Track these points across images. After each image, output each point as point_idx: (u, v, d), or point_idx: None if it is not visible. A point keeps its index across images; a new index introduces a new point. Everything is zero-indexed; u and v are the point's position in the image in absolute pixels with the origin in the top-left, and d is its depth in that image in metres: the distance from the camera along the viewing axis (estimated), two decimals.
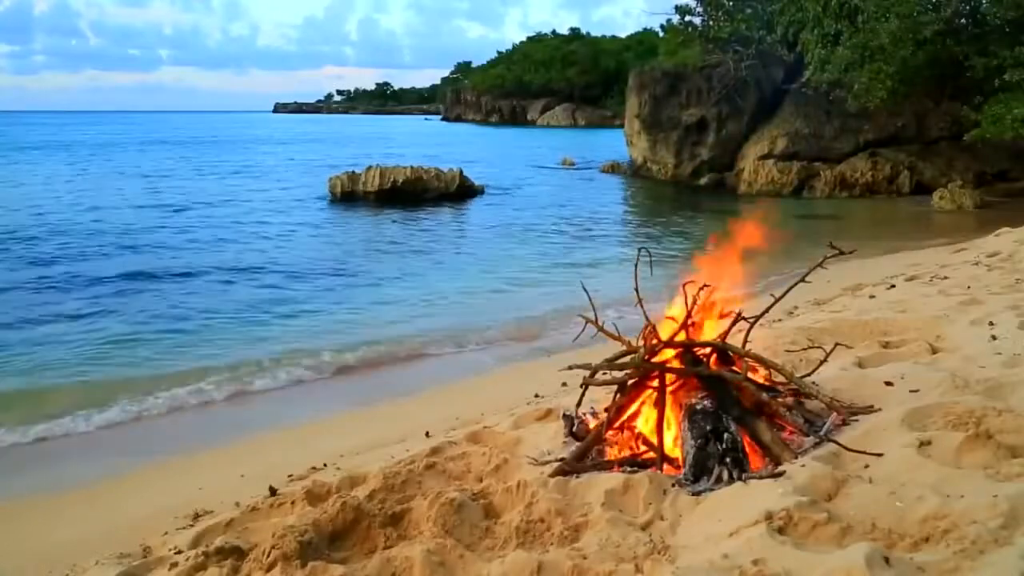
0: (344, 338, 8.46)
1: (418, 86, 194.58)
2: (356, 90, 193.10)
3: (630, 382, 3.34)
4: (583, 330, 3.73)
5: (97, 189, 24.09)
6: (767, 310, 3.65)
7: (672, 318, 3.51)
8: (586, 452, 3.26)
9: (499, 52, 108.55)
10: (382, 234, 16.33)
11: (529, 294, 10.68)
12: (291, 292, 10.84)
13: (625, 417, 3.38)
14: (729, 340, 3.48)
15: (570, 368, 3.56)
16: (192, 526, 3.62)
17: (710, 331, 3.62)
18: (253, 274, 12.04)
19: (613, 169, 30.45)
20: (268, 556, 2.66)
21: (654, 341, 3.32)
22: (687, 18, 26.25)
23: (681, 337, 3.35)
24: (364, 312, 9.76)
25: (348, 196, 21.46)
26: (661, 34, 36.06)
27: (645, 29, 75.65)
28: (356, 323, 9.21)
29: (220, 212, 19.42)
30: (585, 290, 3.92)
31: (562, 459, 3.24)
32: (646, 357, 3.26)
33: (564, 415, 3.75)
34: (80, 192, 23.24)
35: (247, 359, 7.62)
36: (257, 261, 13.10)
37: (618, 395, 3.39)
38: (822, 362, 3.74)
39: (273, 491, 3.55)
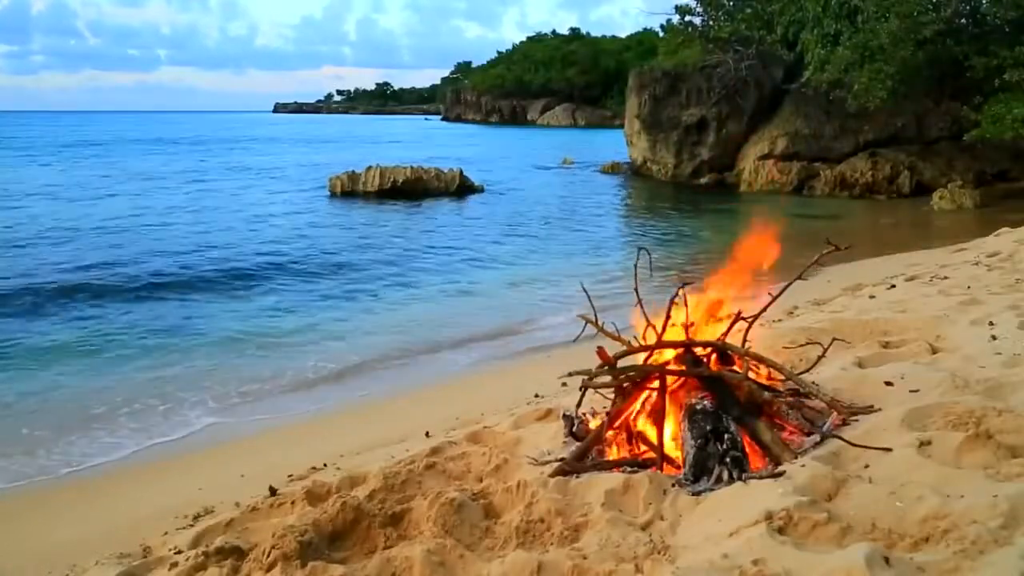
0: (343, 338, 8.46)
1: (418, 86, 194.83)
2: (356, 90, 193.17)
3: (627, 384, 3.34)
4: (583, 330, 3.73)
5: (97, 189, 24.11)
6: (764, 308, 3.65)
7: (675, 323, 3.51)
8: (586, 452, 3.26)
9: (499, 52, 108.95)
10: (379, 233, 16.31)
11: (528, 293, 10.68)
12: (289, 293, 10.83)
13: (625, 417, 3.38)
14: (729, 340, 3.48)
15: (569, 375, 3.56)
16: (192, 526, 3.62)
17: (711, 331, 3.62)
18: (250, 274, 12.01)
19: (613, 169, 30.46)
20: (268, 556, 2.65)
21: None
22: (687, 18, 26.30)
23: (679, 335, 3.35)
24: (362, 312, 9.77)
25: (348, 196, 21.49)
26: (661, 34, 36.05)
27: (645, 29, 75.84)
28: (355, 323, 9.20)
29: (219, 211, 19.41)
30: (585, 290, 3.93)
31: (562, 459, 3.24)
32: (645, 360, 3.27)
33: (564, 415, 3.75)
34: (85, 192, 23.26)
35: (245, 360, 7.63)
36: (256, 262, 13.09)
37: (617, 396, 3.39)
38: (820, 357, 3.74)
39: (273, 491, 3.55)
